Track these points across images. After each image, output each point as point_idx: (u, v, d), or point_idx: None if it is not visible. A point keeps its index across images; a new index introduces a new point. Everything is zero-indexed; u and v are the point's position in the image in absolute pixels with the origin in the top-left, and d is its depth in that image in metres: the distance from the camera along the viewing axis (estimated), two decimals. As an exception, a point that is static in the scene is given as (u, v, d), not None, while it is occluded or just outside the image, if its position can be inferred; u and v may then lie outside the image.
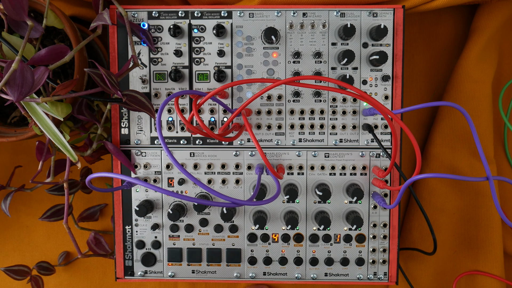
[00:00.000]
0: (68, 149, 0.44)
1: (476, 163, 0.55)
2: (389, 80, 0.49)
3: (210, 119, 0.50)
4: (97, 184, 0.60)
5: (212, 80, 0.49)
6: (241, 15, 0.48)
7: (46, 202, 0.60)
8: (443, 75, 0.59)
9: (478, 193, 0.55)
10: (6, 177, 0.59)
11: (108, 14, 0.42)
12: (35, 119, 0.43)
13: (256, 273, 0.52)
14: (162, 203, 0.51)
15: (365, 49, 0.48)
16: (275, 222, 0.51)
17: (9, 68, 0.37)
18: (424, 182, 0.56)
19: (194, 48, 0.49)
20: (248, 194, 0.51)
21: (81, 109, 0.48)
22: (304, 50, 0.48)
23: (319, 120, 0.49)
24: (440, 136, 0.56)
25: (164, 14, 0.48)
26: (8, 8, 0.40)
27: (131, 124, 0.50)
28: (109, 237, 0.60)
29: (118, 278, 0.52)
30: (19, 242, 0.61)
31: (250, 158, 0.50)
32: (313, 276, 0.52)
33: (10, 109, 0.52)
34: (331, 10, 0.48)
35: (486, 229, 0.55)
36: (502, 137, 0.59)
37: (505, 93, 0.59)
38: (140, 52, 0.49)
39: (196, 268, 0.52)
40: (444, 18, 0.59)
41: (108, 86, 0.41)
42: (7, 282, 0.61)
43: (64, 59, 0.40)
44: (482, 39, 0.54)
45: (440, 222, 0.56)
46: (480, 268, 0.56)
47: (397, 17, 0.48)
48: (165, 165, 0.50)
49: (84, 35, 0.52)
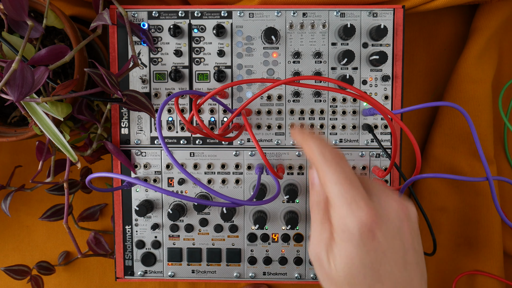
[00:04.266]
0: (68, 149, 0.44)
1: (476, 163, 0.55)
2: (389, 80, 0.49)
3: (210, 119, 0.50)
4: (97, 184, 0.60)
5: (212, 80, 0.49)
6: (241, 15, 0.48)
7: (46, 202, 0.60)
8: (443, 75, 0.59)
9: (478, 193, 0.55)
10: (6, 177, 0.59)
11: (108, 14, 0.42)
12: (35, 119, 0.43)
13: (256, 273, 0.52)
14: (162, 203, 0.51)
15: (365, 49, 0.48)
16: (275, 222, 0.51)
17: (9, 68, 0.38)
18: (424, 182, 0.56)
19: (194, 48, 0.49)
20: (248, 194, 0.51)
21: (81, 109, 0.48)
22: (304, 50, 0.48)
23: (319, 120, 0.49)
24: (440, 136, 0.56)
25: (164, 14, 0.48)
26: (8, 8, 0.40)
27: (131, 124, 0.50)
28: (109, 237, 0.60)
29: (118, 278, 0.52)
30: (19, 242, 0.61)
31: (250, 158, 0.50)
32: (313, 276, 0.52)
33: (10, 109, 0.52)
34: (331, 10, 0.48)
35: (486, 229, 0.55)
36: (502, 137, 0.59)
37: (505, 93, 0.59)
38: (140, 52, 0.49)
39: (196, 268, 0.52)
40: (444, 18, 0.59)
41: (108, 86, 0.41)
42: (7, 282, 0.61)
43: (64, 59, 0.40)
44: (482, 39, 0.54)
45: (440, 222, 0.56)
46: (480, 268, 0.55)
47: (397, 17, 0.48)
48: (165, 165, 0.50)
49: (84, 35, 0.52)
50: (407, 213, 0.34)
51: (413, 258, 0.33)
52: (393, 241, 0.32)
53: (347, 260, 0.31)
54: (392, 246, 0.32)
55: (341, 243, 0.32)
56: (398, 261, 0.32)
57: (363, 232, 0.31)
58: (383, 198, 0.34)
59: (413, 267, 0.33)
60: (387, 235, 0.32)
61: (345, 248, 0.31)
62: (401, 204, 0.34)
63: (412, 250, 0.33)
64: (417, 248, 0.34)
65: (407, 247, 0.33)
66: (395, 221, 0.33)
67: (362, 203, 0.31)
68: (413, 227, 0.34)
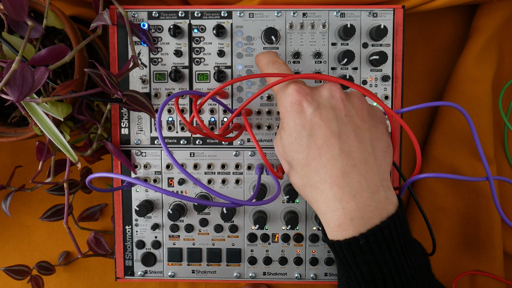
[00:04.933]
0: (68, 149, 0.44)
1: (476, 163, 0.55)
2: (389, 80, 0.49)
3: (210, 119, 0.50)
4: (97, 184, 0.60)
5: (212, 80, 0.49)
6: (241, 15, 0.48)
7: (46, 202, 0.60)
8: (443, 75, 0.59)
9: (478, 193, 0.55)
10: (6, 177, 0.59)
11: (108, 14, 0.42)
12: (35, 119, 0.43)
13: (256, 273, 0.52)
14: (162, 203, 0.51)
15: (365, 49, 0.48)
16: (275, 222, 0.51)
17: (9, 68, 0.38)
18: (424, 182, 0.56)
19: (194, 48, 0.49)
20: (248, 194, 0.51)
21: (81, 109, 0.48)
22: (304, 50, 0.49)
23: (319, 120, 0.49)
24: (440, 136, 0.56)
25: (164, 14, 0.48)
26: (8, 8, 0.40)
27: (131, 124, 0.50)
28: (109, 237, 0.60)
29: (118, 278, 0.52)
30: (19, 242, 0.61)
31: (250, 158, 0.50)
32: (313, 276, 0.52)
33: (10, 109, 0.52)
34: (331, 10, 0.48)
35: (486, 229, 0.55)
36: (502, 137, 0.59)
37: (505, 93, 0.59)
38: (140, 52, 0.49)
39: (196, 268, 0.52)
40: (444, 18, 0.59)
41: (108, 86, 0.41)
42: (7, 282, 0.61)
43: (64, 59, 0.40)
44: (482, 39, 0.54)
45: (440, 222, 0.56)
46: (480, 268, 0.55)
47: (397, 17, 0.48)
48: (165, 165, 0.50)
49: (84, 35, 0.52)
50: (338, 87, 0.38)
51: (352, 131, 0.37)
52: (322, 110, 0.37)
53: (288, 132, 0.38)
54: (322, 112, 0.37)
55: (282, 122, 0.39)
56: (331, 129, 0.36)
57: (293, 104, 0.37)
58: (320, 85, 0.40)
59: (352, 139, 0.36)
60: (314, 103, 0.37)
61: (285, 124, 0.38)
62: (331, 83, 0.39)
63: (351, 123, 0.37)
64: (358, 123, 0.37)
65: (340, 117, 0.37)
66: (323, 92, 0.38)
67: (293, 86, 0.38)
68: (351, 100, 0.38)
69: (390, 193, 0.37)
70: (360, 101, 0.39)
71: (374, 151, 0.37)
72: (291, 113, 0.37)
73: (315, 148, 0.36)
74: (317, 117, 0.36)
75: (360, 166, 0.36)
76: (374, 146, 0.38)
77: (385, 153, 0.38)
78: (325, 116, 0.36)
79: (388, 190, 0.37)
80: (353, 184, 0.35)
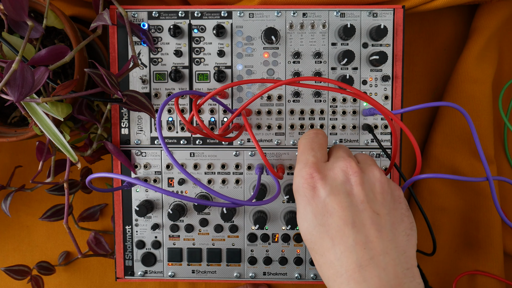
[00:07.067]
0: (68, 149, 0.44)
1: (476, 163, 0.55)
2: (389, 80, 0.49)
3: (210, 119, 0.50)
4: (97, 184, 0.60)
5: (212, 80, 0.49)
6: (241, 15, 0.48)
7: (46, 202, 0.60)
8: (443, 75, 0.59)
9: (478, 193, 0.55)
10: (6, 177, 0.59)
11: (108, 14, 0.42)
12: (35, 119, 0.43)
13: (256, 273, 0.52)
14: (162, 203, 0.51)
15: (365, 49, 0.48)
16: (275, 222, 0.51)
17: (9, 68, 0.38)
18: (424, 182, 0.56)
19: (194, 48, 0.49)
20: (248, 194, 0.51)
21: (81, 109, 0.48)
22: (304, 50, 0.48)
23: (319, 120, 0.49)
24: (440, 136, 0.56)
25: (164, 14, 0.48)
26: (8, 8, 0.40)
27: (131, 124, 0.50)
28: (109, 237, 0.60)
29: (118, 278, 0.52)
30: (19, 242, 0.61)
31: (250, 158, 0.50)
32: (313, 276, 0.52)
33: (10, 109, 0.52)
34: (331, 10, 0.48)
35: (486, 229, 0.55)
36: (502, 137, 0.59)
37: (505, 93, 0.59)
38: (140, 52, 0.49)
39: (196, 268, 0.52)
40: (444, 18, 0.59)
41: (108, 86, 0.41)
42: (7, 282, 0.61)
43: (64, 59, 0.40)
44: (482, 39, 0.54)
45: (440, 222, 0.56)
46: (480, 268, 0.55)
47: (397, 17, 0.48)
48: (165, 165, 0.50)
49: (84, 35, 0.52)
50: (353, 166, 0.35)
51: (369, 218, 0.33)
52: (336, 196, 0.34)
53: (300, 216, 0.35)
54: (334, 199, 0.34)
55: (295, 201, 0.36)
56: (344, 218, 0.33)
57: (304, 188, 0.35)
58: (336, 159, 0.36)
59: (368, 228, 0.33)
60: (327, 188, 0.34)
61: (297, 205, 0.36)
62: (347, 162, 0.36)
63: (368, 210, 0.34)
64: (377, 209, 0.34)
65: (356, 204, 0.34)
66: (338, 175, 0.35)
67: (310, 162, 0.36)
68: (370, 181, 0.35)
69: (415, 283, 0.33)
70: (379, 182, 0.35)
71: (396, 237, 0.34)
72: (302, 198, 0.35)
73: (327, 239, 0.33)
74: (329, 204, 0.34)
75: (379, 258, 0.32)
76: (395, 231, 0.34)
77: (408, 236, 0.35)
78: (338, 203, 0.34)
79: (413, 280, 0.33)
80: (372, 279, 0.32)
